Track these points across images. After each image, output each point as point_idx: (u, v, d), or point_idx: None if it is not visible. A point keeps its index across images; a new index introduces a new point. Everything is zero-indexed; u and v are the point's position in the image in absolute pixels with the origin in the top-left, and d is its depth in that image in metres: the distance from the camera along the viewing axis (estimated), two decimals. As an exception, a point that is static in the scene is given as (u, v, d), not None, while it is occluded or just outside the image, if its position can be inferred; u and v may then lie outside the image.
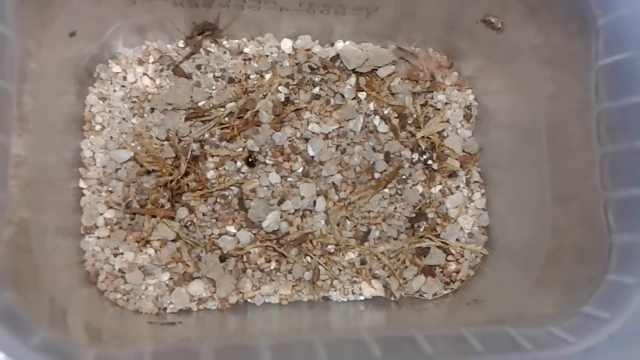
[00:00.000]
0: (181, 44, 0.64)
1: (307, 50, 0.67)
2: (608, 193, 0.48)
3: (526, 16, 0.58)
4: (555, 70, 0.57)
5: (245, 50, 0.65)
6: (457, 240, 0.66)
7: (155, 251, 0.60)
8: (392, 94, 0.67)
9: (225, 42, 0.65)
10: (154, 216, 0.59)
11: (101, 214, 0.60)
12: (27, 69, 0.49)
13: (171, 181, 0.59)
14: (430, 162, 0.66)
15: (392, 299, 0.64)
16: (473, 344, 0.41)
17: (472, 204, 0.67)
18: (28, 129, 0.50)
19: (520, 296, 0.57)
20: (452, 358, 0.39)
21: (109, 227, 0.60)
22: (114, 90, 0.62)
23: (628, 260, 0.45)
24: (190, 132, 0.62)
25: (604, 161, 0.49)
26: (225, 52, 0.65)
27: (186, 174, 0.61)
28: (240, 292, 0.62)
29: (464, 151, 0.68)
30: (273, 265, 0.63)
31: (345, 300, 0.64)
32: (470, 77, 0.69)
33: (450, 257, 0.66)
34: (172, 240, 0.61)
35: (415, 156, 0.67)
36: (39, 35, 0.52)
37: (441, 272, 0.66)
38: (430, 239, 0.65)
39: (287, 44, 0.66)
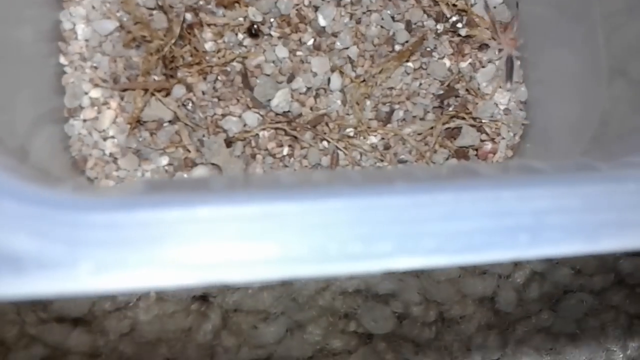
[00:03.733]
0: None
1: None
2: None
3: None
4: None
5: None
6: (491, 117, 0.58)
7: (151, 134, 0.53)
8: (412, -45, 0.59)
9: None
10: (146, 91, 0.52)
11: (86, 93, 0.52)
12: None
13: (164, 47, 0.51)
14: (459, 25, 0.58)
15: (422, 185, 0.56)
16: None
17: (507, 76, 0.59)
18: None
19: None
20: (509, 181, 0.31)
21: (95, 107, 0.52)
22: (95, -46, 0.55)
23: None
24: (183, -1, 0.54)
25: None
26: None
27: (181, 44, 0.53)
28: (250, 180, 0.54)
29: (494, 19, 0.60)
30: (286, 150, 0.55)
31: (369, 188, 0.56)
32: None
33: (484, 137, 0.58)
34: (170, 122, 0.53)
35: (440, 27, 0.59)
36: None
37: (475, 154, 0.58)
38: (463, 118, 0.58)
39: None
